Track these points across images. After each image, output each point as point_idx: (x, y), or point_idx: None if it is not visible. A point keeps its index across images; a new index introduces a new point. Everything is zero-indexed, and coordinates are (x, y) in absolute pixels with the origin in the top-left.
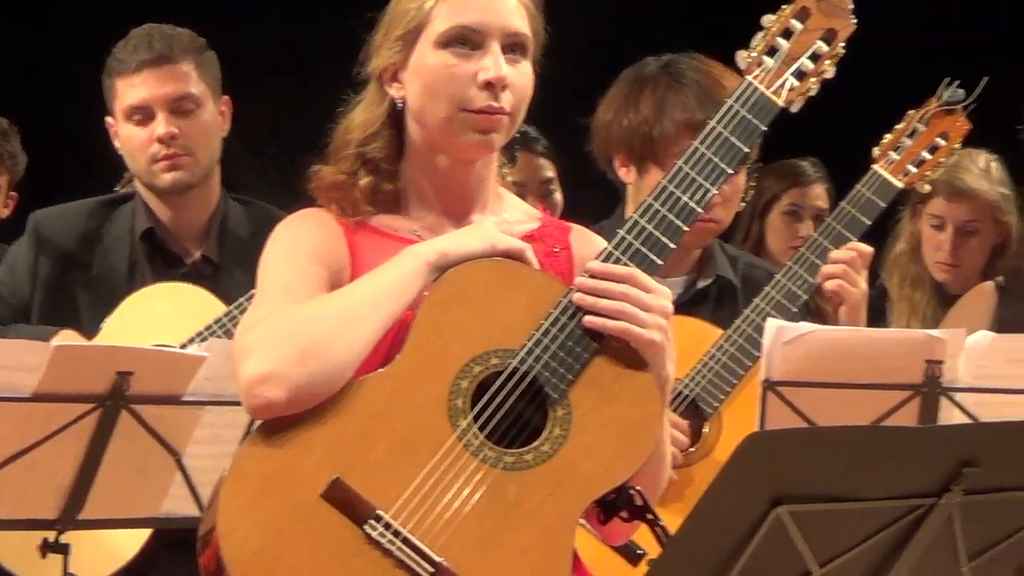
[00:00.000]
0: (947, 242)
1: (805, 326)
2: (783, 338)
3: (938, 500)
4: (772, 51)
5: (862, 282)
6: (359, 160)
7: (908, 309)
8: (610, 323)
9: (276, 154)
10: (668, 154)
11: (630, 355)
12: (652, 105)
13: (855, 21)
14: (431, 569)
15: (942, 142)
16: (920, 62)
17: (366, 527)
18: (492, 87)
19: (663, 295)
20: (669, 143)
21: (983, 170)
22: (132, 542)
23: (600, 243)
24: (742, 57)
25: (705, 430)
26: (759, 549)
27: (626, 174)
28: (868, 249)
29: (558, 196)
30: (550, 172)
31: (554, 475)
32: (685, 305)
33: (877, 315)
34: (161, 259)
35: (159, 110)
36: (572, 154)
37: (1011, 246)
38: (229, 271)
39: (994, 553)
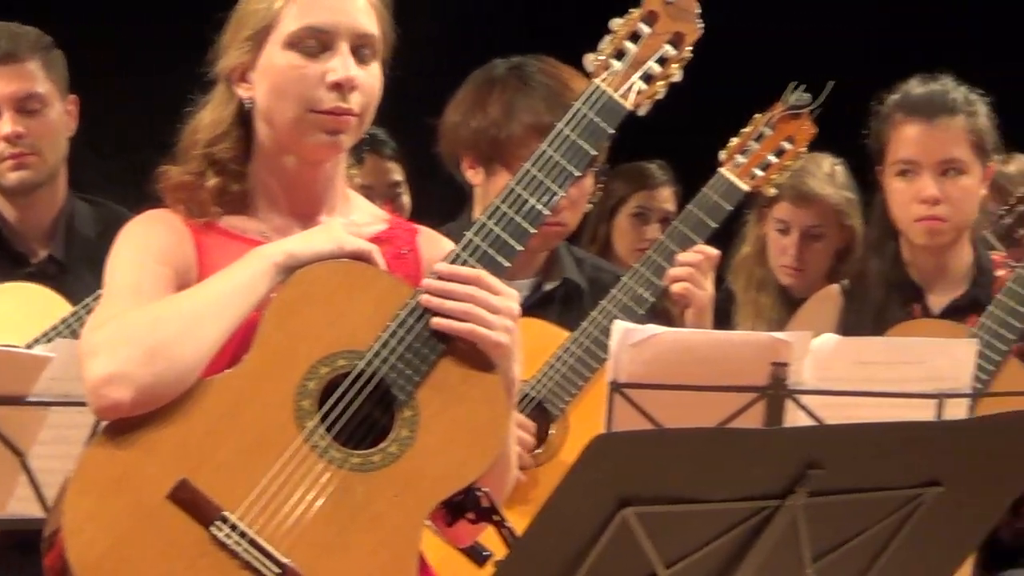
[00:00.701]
0: (792, 246)
1: (651, 328)
2: (630, 340)
3: (783, 502)
4: (620, 54)
5: (708, 285)
6: (207, 161)
7: (754, 312)
8: (457, 325)
9: (123, 154)
10: (516, 156)
11: (477, 357)
12: (500, 107)
13: (702, 25)
14: (277, 570)
15: (788, 146)
16: (767, 66)
17: (212, 528)
18: (341, 88)
19: (510, 297)
20: (517, 145)
21: (828, 175)
22: None
23: (447, 245)
24: (590, 60)
25: (552, 432)
26: (605, 550)
27: (474, 176)
28: (714, 252)
29: (406, 199)
30: (398, 175)
31: (401, 476)
32: (532, 307)
33: (723, 318)
34: (6, 258)
35: (5, 109)
36: (420, 156)
37: (855, 250)
38: (75, 271)
39: (838, 554)
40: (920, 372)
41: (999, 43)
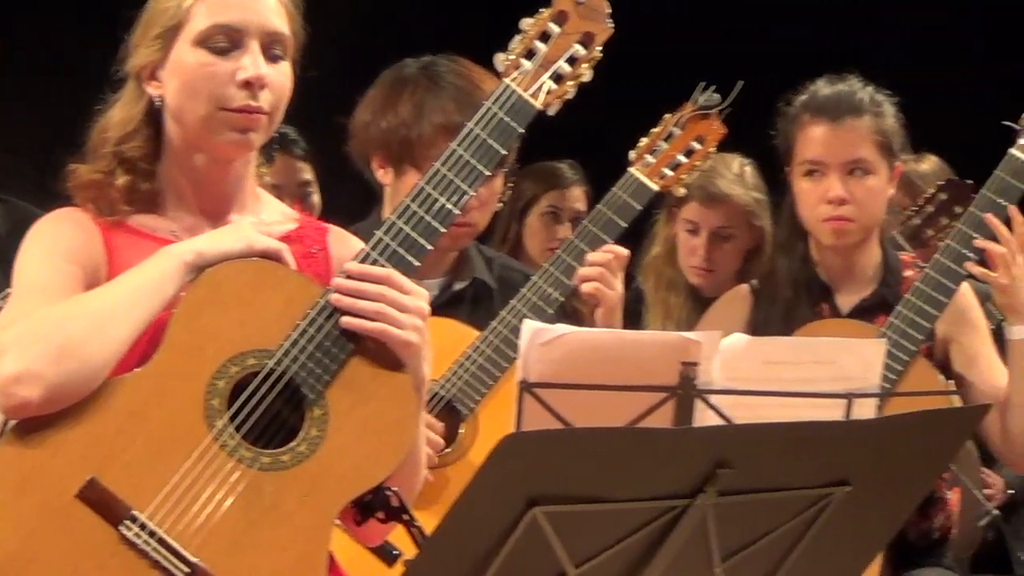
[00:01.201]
0: (701, 247)
1: (561, 328)
2: (539, 339)
3: (692, 501)
4: (530, 54)
5: (618, 284)
6: (116, 159)
7: (663, 312)
8: (367, 324)
9: (33, 152)
10: (425, 156)
11: (387, 356)
12: (410, 107)
13: (612, 25)
14: (186, 569)
15: (697, 146)
16: (677, 66)
17: (121, 528)
18: (251, 86)
19: (420, 296)
20: (426, 146)
21: (737, 175)
22: None
23: (357, 244)
24: (500, 60)
25: (461, 431)
26: (515, 550)
27: (384, 175)
28: (624, 251)
29: (316, 198)
30: (308, 174)
31: (310, 476)
32: (441, 307)
33: (633, 317)
34: None
35: None
36: (330, 155)
37: (764, 250)
38: None
39: (747, 554)
40: (829, 372)
41: (908, 43)
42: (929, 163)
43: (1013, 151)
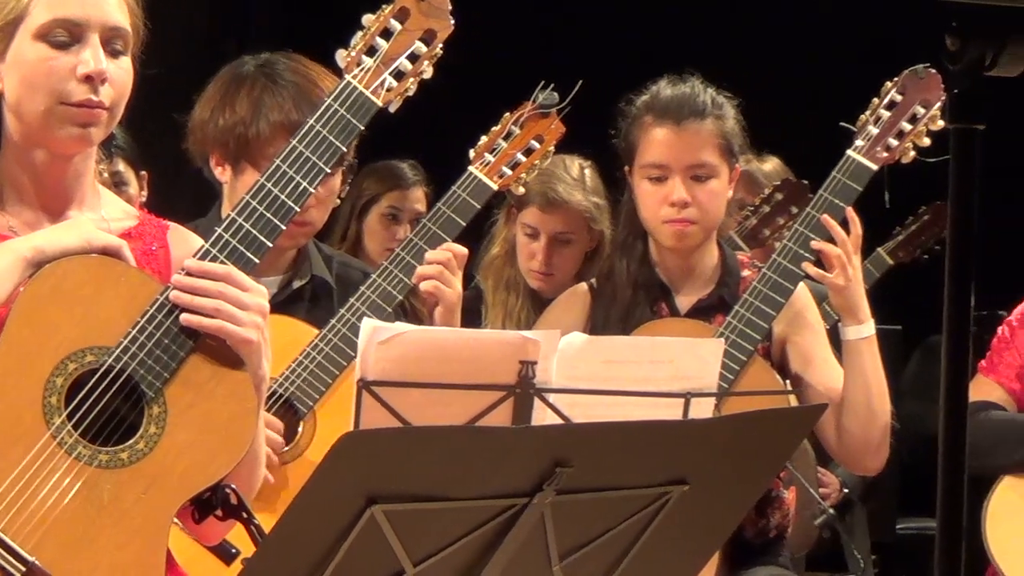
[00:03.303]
0: (541, 251)
1: (400, 326)
2: (378, 338)
3: (531, 499)
4: (372, 51)
5: (457, 283)
6: None
7: (503, 312)
8: (206, 321)
9: None
10: (263, 154)
11: (226, 353)
12: (248, 105)
13: (453, 22)
14: (23, 568)
15: (537, 145)
16: (517, 65)
17: None
18: (91, 80)
19: (259, 294)
20: (264, 143)
21: (576, 180)
22: None
23: (197, 242)
24: (341, 56)
25: (300, 430)
26: (354, 548)
27: (222, 173)
28: (462, 250)
29: (132, 190)
30: (120, 165)
31: (149, 473)
32: (280, 304)
33: (473, 316)
34: None
35: None
36: (169, 151)
37: (603, 253)
38: None
39: (585, 552)
40: (667, 371)
41: (748, 44)
42: (772, 163)
43: (850, 152)
